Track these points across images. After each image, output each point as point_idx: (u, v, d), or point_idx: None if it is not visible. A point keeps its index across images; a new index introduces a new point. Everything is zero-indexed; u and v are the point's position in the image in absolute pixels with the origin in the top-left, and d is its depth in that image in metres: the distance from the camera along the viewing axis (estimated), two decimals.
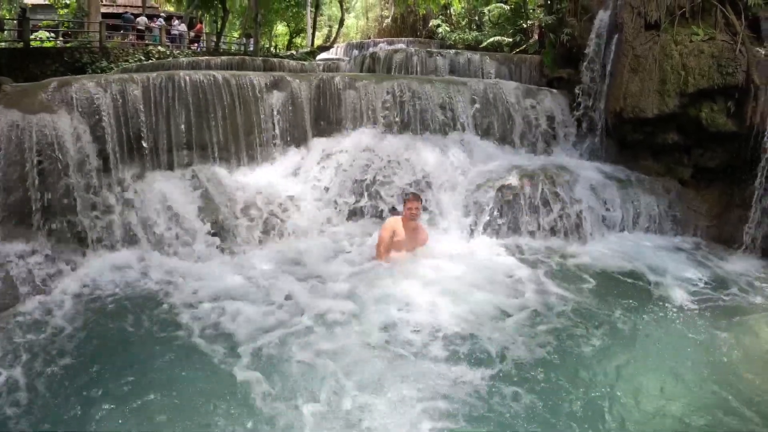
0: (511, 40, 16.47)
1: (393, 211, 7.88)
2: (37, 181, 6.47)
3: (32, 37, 20.54)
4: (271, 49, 33.85)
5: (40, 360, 4.75)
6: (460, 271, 6.57)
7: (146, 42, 23.24)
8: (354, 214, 8.13)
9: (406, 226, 6.78)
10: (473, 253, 7.30)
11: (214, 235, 7.26)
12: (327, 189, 8.16)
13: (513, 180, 8.15)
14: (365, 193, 8.18)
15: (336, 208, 8.11)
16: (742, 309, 6.10)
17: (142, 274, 6.38)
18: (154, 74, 7.97)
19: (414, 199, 6.87)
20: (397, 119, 9.06)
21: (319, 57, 24.03)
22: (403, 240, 6.76)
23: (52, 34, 23.00)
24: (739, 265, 7.36)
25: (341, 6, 32.80)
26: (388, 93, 9.07)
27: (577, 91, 9.91)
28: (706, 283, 6.74)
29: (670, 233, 8.39)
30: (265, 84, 8.63)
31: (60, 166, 6.61)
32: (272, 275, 6.48)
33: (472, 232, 7.86)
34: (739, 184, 8.24)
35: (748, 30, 8.22)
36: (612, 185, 8.51)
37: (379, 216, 8.02)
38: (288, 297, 5.90)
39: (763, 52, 8.03)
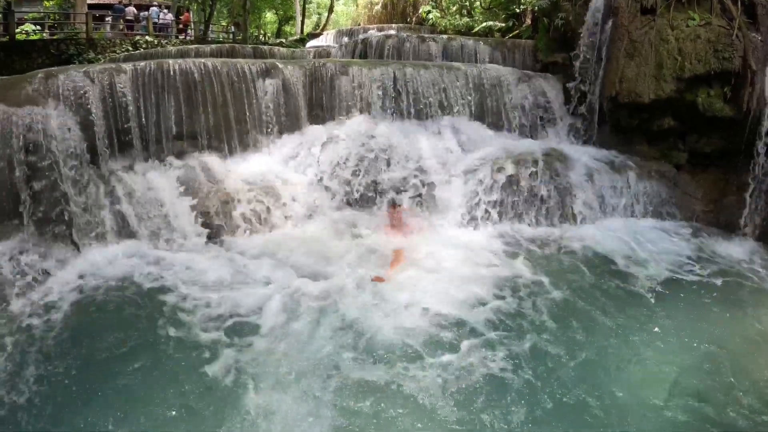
0: (503, 25, 16.28)
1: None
2: (25, 176, 6.33)
3: (18, 30, 20.19)
4: (260, 37, 33.51)
5: (32, 359, 4.67)
6: (453, 259, 6.56)
7: (134, 32, 22.93)
8: (348, 201, 8.05)
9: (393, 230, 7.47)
10: (468, 239, 7.27)
11: (206, 226, 7.17)
12: (321, 177, 8.06)
13: (508, 166, 8.09)
14: (360, 181, 8.09)
15: (331, 195, 8.01)
16: (739, 293, 6.11)
17: (135, 268, 6.27)
18: (143, 63, 7.80)
19: (392, 209, 7.79)
20: (391, 105, 8.96)
21: (308, 44, 23.80)
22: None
23: (38, 27, 22.64)
24: (735, 249, 7.34)
25: None
26: (381, 78, 8.96)
27: (571, 76, 9.82)
28: (702, 267, 6.73)
29: (666, 218, 8.36)
30: (257, 71, 8.47)
31: (48, 160, 6.45)
32: (266, 265, 6.41)
33: (466, 218, 7.81)
34: (736, 169, 8.19)
35: (744, 15, 8.15)
36: (607, 170, 8.46)
37: (374, 203, 8.02)
38: (281, 287, 5.85)
39: (760, 37, 7.96)
